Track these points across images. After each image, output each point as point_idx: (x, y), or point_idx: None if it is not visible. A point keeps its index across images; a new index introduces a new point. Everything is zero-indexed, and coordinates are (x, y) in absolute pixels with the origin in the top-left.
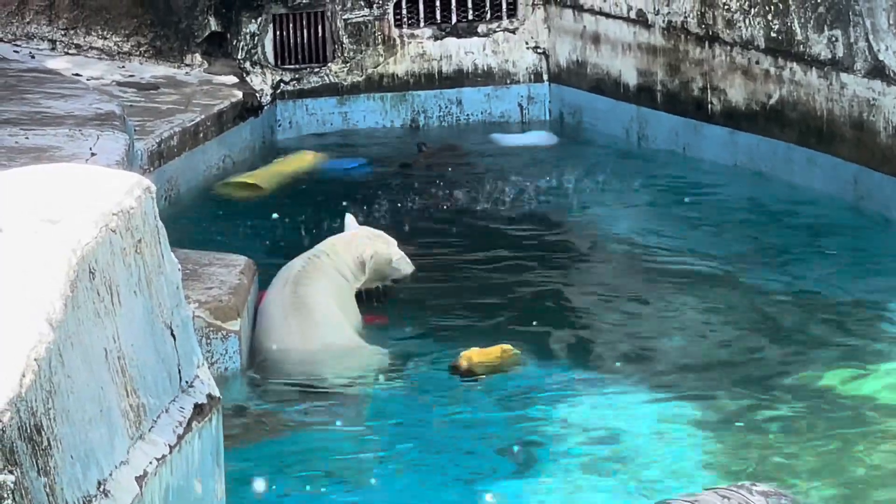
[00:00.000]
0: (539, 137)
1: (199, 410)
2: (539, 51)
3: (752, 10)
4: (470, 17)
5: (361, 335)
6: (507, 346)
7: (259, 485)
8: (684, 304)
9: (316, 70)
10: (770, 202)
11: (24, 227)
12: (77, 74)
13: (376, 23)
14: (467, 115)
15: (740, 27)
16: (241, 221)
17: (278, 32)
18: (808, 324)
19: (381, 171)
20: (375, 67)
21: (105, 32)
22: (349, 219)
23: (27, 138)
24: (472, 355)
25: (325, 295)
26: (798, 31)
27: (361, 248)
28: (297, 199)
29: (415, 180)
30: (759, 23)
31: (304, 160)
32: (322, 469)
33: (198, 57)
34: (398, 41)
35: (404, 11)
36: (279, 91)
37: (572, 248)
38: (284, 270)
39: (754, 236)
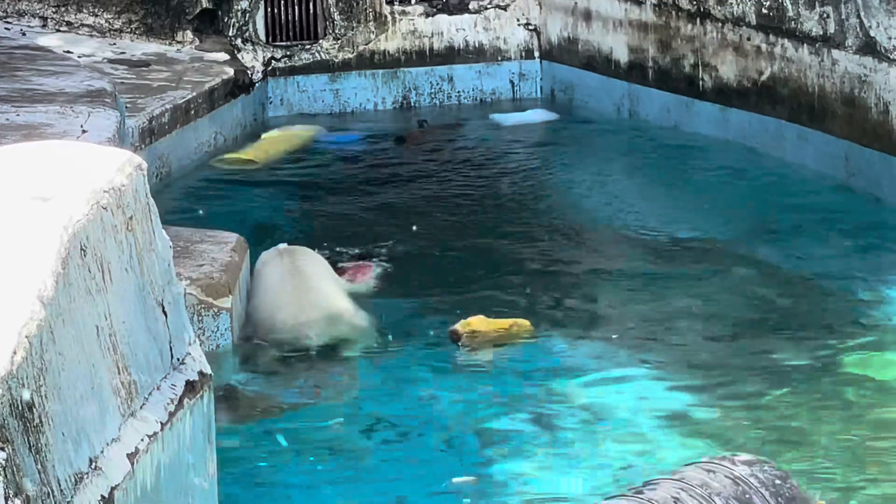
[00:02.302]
0: (538, 115)
1: (190, 388)
2: (530, 27)
3: None
4: None
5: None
6: (522, 321)
7: (251, 461)
8: (677, 283)
9: (307, 47)
10: (761, 179)
11: (15, 205)
12: (68, 51)
13: None
14: (459, 91)
15: (732, 3)
16: (232, 199)
17: (269, 9)
18: (798, 300)
19: (376, 146)
20: (367, 44)
21: (96, 9)
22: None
23: (18, 115)
24: (473, 323)
25: (320, 266)
26: (789, 7)
27: None
28: (289, 176)
29: (411, 156)
30: None
31: (298, 134)
32: (314, 445)
33: (189, 34)
34: (389, 18)
35: None
36: (270, 68)
37: (566, 225)
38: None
39: (745, 213)
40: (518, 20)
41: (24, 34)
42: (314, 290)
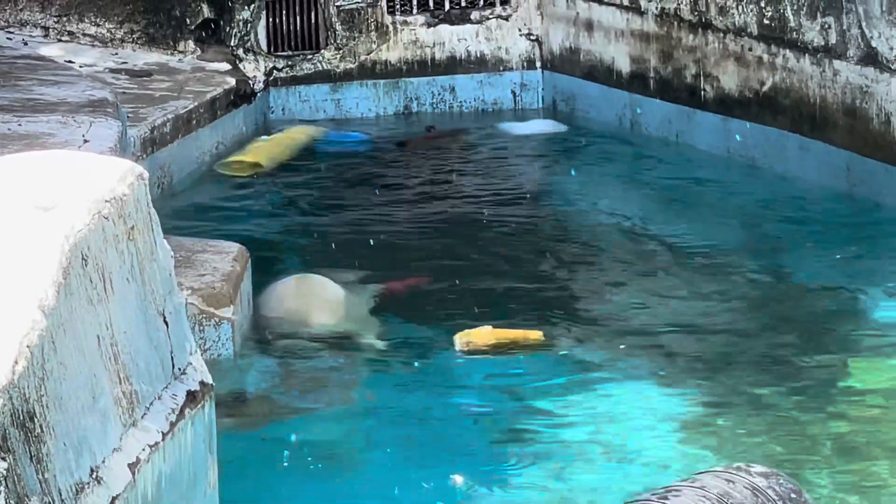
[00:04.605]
0: (546, 125)
1: (191, 397)
2: (532, 38)
3: None
4: (463, 4)
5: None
6: (533, 333)
7: (252, 472)
8: (681, 292)
9: (309, 57)
10: (763, 189)
11: (17, 214)
12: (70, 61)
13: (369, 9)
14: (460, 101)
15: (733, 14)
16: (234, 208)
17: (271, 19)
18: (801, 309)
19: (379, 151)
20: (368, 54)
21: (98, 19)
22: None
23: (20, 125)
24: (473, 334)
25: (328, 280)
26: (791, 17)
27: None
28: (291, 183)
29: (417, 162)
30: (751, 10)
31: (302, 135)
32: (315, 455)
33: (191, 44)
34: (391, 28)
35: None
36: (272, 78)
37: (570, 236)
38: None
39: (747, 223)
40: (520, 30)
41: (25, 44)
42: (314, 282)
